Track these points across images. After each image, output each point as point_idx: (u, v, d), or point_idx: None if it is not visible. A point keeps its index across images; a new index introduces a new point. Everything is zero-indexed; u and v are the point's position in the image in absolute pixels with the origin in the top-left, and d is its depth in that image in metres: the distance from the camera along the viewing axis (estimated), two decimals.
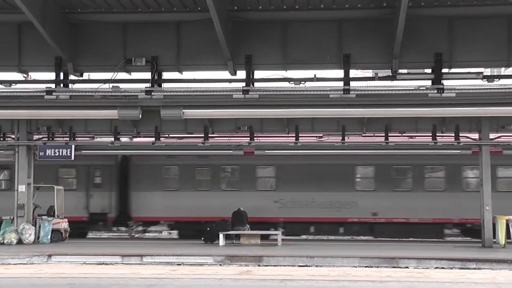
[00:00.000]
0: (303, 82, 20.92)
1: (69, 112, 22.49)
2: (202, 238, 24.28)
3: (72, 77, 21.59)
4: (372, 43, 20.18)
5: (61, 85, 21.54)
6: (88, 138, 26.08)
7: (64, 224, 24.98)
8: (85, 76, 22.61)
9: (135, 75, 21.73)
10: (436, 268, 18.21)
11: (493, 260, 18.68)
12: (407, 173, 27.52)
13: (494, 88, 20.66)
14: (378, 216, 27.06)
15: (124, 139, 26.33)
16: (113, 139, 24.48)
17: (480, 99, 20.79)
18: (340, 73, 20.69)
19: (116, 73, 20.93)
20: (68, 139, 24.54)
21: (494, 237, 23.00)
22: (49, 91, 21.42)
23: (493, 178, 24.03)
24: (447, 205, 26.75)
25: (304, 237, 28.95)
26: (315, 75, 20.88)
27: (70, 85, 21.90)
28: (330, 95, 20.70)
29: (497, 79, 20.99)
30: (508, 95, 20.56)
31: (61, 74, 21.43)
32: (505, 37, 19.84)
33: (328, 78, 21.25)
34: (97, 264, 18.59)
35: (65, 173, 28.89)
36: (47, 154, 23.93)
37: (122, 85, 21.61)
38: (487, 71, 23.07)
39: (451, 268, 18.05)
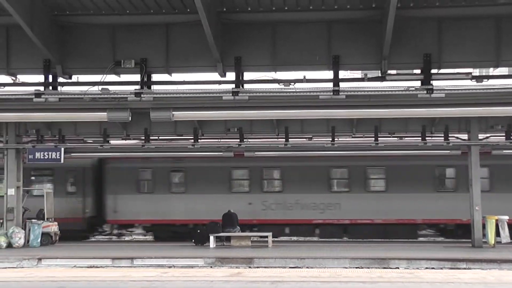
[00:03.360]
0: (293, 84, 20.98)
1: (58, 115, 22.37)
2: (193, 240, 24.24)
3: (61, 79, 21.53)
4: (361, 44, 20.22)
5: (50, 87, 21.47)
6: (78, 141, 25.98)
7: (54, 228, 24.85)
8: (74, 78, 22.49)
9: (124, 77, 21.66)
10: (427, 268, 18.26)
11: (483, 260, 18.77)
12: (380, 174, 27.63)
13: (483, 89, 20.75)
14: (354, 217, 27.08)
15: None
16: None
17: (469, 100, 20.85)
18: (329, 74, 20.74)
19: (105, 75, 20.87)
20: (57, 142, 24.46)
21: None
22: (38, 94, 21.34)
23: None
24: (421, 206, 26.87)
25: (295, 238, 28.96)
26: (304, 77, 20.93)
27: (59, 88, 21.86)
28: (320, 96, 20.73)
29: (486, 80, 21.10)
30: (496, 95, 20.64)
31: (50, 76, 21.35)
32: (493, 38, 19.95)
33: (318, 79, 21.31)
34: (87, 267, 18.53)
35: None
36: (36, 157, 23.83)
37: (111, 87, 21.56)
38: (476, 72, 23.16)
39: (442, 268, 18.09)
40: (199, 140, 24.38)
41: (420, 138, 23.69)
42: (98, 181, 28.58)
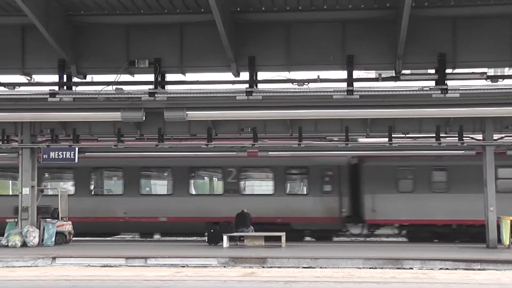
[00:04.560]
0: (307, 83, 20.92)
1: (73, 115, 22.50)
2: (206, 240, 24.27)
3: (75, 79, 21.61)
4: (375, 44, 20.15)
5: (65, 87, 21.55)
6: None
7: (68, 227, 24.96)
8: (89, 78, 22.56)
9: (138, 77, 21.72)
10: (441, 269, 18.14)
11: (497, 261, 18.63)
12: None
13: (498, 88, 20.62)
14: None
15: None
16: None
17: (484, 100, 20.73)
18: (343, 74, 20.68)
19: (119, 75, 20.93)
20: (71, 141, 24.58)
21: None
22: (52, 94, 21.43)
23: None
24: None
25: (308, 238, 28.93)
26: (318, 76, 20.87)
27: (73, 88, 21.89)
28: (334, 96, 20.68)
29: (501, 79, 20.94)
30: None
31: (65, 76, 21.43)
32: (508, 37, 19.79)
33: (332, 79, 21.24)
34: (101, 266, 18.60)
35: None
36: (50, 157, 23.95)
37: (125, 87, 21.64)
38: (491, 71, 22.99)
39: (456, 269, 17.97)
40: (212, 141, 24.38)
41: (434, 139, 23.57)
42: (354, 180, 27.91)
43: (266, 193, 27.88)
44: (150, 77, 21.10)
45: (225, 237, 23.42)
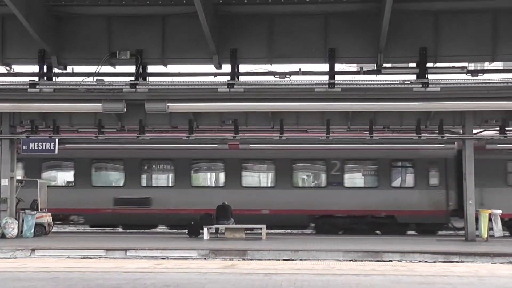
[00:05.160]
0: (288, 76, 20.92)
1: (53, 106, 22.34)
2: (187, 232, 24.25)
3: (56, 70, 21.42)
4: (357, 37, 20.17)
5: (45, 78, 21.37)
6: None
7: (47, 218, 24.82)
8: (69, 69, 22.41)
9: (119, 69, 21.61)
10: (420, 261, 18.34)
11: (476, 254, 18.87)
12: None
13: (478, 83, 20.76)
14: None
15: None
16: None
17: (465, 93, 20.89)
18: (325, 67, 20.70)
19: (100, 66, 20.79)
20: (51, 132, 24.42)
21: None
22: (32, 84, 21.23)
23: None
24: None
25: (288, 231, 29.01)
26: (300, 69, 20.87)
27: (54, 78, 21.71)
28: (315, 89, 20.71)
29: (481, 74, 21.10)
30: (492, 89, 20.67)
31: (45, 67, 21.22)
32: (489, 32, 19.90)
33: (313, 72, 21.26)
34: (81, 258, 18.52)
35: None
36: (30, 148, 23.79)
37: (106, 78, 21.47)
38: (471, 66, 23.18)
39: (435, 262, 18.16)
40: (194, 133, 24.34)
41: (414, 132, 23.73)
42: (460, 173, 26.99)
43: (370, 185, 27.62)
44: (132, 69, 20.98)
45: (205, 229, 23.41)
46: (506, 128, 23.70)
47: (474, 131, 23.84)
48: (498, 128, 23.88)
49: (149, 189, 28.08)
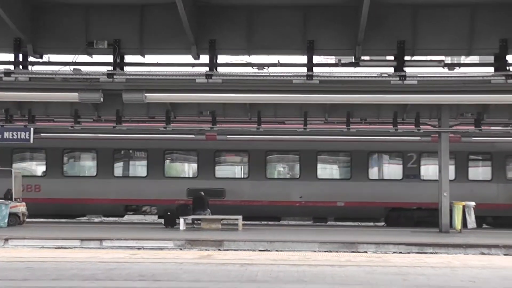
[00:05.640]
0: (267, 68, 20.94)
1: (28, 95, 21.98)
2: (163, 222, 24.21)
3: (31, 59, 21.20)
4: (336, 29, 20.22)
5: (20, 66, 21.14)
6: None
7: (22, 208, 24.61)
8: (45, 58, 22.18)
9: (96, 58, 21.42)
10: (394, 252, 18.48)
11: (449, 245, 19.10)
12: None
13: (455, 76, 20.94)
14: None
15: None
16: None
17: (441, 87, 21.02)
18: (303, 59, 20.72)
19: (77, 55, 20.62)
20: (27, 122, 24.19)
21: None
22: (7, 73, 20.97)
23: None
24: None
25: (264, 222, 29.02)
26: (278, 61, 20.90)
27: (29, 67, 21.48)
28: (293, 80, 20.74)
29: (458, 67, 21.31)
30: (468, 83, 20.82)
31: (20, 55, 21.01)
32: (466, 26, 20.06)
33: (292, 64, 21.30)
34: (55, 248, 18.41)
35: None
36: (4, 137, 23.54)
37: (83, 68, 21.32)
38: (448, 59, 23.36)
39: (409, 253, 18.34)
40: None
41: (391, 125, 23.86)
42: None
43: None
44: (109, 58, 20.82)
45: (181, 220, 23.38)
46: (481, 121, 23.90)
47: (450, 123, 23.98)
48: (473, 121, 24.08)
49: None
